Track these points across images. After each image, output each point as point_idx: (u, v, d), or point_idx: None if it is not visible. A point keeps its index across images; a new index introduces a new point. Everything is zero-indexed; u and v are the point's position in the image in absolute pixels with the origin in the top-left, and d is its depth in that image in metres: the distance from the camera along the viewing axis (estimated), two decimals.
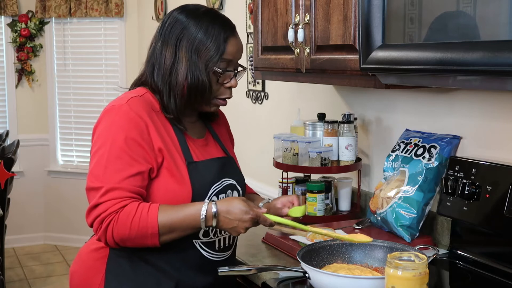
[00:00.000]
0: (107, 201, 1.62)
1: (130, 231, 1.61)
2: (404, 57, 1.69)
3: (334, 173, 2.47)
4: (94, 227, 1.64)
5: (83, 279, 1.81)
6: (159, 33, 1.77)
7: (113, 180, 1.63)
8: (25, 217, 5.63)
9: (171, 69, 1.72)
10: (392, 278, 1.44)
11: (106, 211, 1.61)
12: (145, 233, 1.62)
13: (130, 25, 5.46)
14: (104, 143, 1.66)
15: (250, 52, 3.42)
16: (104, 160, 1.64)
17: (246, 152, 3.54)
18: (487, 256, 1.90)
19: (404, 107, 2.34)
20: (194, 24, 1.73)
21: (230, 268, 1.76)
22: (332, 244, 1.83)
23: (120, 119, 1.67)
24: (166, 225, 1.62)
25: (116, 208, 1.61)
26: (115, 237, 1.62)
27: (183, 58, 1.71)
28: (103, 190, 1.62)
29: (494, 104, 1.96)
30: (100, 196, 1.62)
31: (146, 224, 1.61)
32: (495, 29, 1.46)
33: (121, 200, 1.62)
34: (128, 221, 1.61)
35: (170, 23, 1.75)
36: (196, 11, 1.77)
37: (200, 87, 1.73)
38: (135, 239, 1.63)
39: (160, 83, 1.74)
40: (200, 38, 1.71)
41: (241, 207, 1.66)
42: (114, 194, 1.62)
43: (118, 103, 1.71)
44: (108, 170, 1.64)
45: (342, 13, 2.02)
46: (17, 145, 4.35)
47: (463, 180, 1.93)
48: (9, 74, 5.55)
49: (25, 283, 4.82)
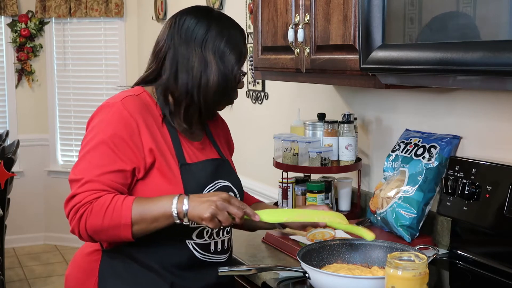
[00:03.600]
0: (83, 192, 1.62)
1: (103, 221, 1.59)
2: (404, 57, 1.69)
3: (334, 173, 2.47)
4: (69, 217, 1.65)
5: (77, 282, 1.81)
6: (178, 35, 1.74)
7: (93, 173, 1.64)
8: (25, 217, 5.63)
9: (201, 73, 1.71)
10: (392, 278, 1.44)
11: (80, 202, 1.62)
12: (117, 223, 1.60)
13: (130, 25, 5.46)
14: (92, 139, 1.68)
15: (250, 52, 3.42)
16: (89, 155, 1.66)
17: (246, 152, 3.54)
18: (487, 256, 1.90)
19: (404, 107, 2.34)
20: (216, 28, 1.73)
21: (230, 268, 1.76)
22: (332, 244, 1.83)
23: (112, 116, 1.68)
24: (138, 212, 1.60)
25: (90, 198, 1.61)
26: (88, 228, 1.62)
27: (212, 63, 1.72)
28: (82, 181, 1.63)
29: (494, 104, 1.96)
30: (78, 187, 1.63)
31: (120, 214, 1.59)
32: (495, 29, 1.46)
33: (96, 191, 1.62)
34: (102, 212, 1.59)
35: (190, 26, 1.74)
36: (211, 13, 1.78)
37: (228, 91, 1.76)
38: (108, 230, 1.61)
39: (190, 86, 1.71)
40: (222, 48, 1.73)
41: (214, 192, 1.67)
42: (91, 186, 1.63)
43: (113, 100, 1.72)
44: (90, 164, 1.65)
45: (342, 13, 2.02)
46: (17, 145, 4.35)
47: (463, 180, 1.93)
48: (9, 74, 5.55)
49: (25, 283, 4.82)
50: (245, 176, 3.47)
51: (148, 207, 1.61)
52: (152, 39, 1.86)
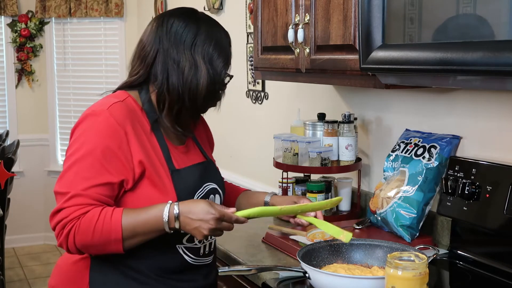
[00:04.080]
0: (70, 206, 1.58)
1: (93, 237, 1.57)
2: (404, 57, 1.69)
3: (334, 173, 2.47)
4: (56, 232, 1.60)
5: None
6: (167, 38, 1.71)
7: (80, 186, 1.59)
8: (25, 217, 5.63)
9: (191, 76, 1.69)
10: (392, 278, 1.44)
11: (67, 217, 1.57)
12: (108, 239, 1.58)
13: (130, 25, 5.46)
14: (79, 149, 1.63)
15: (250, 52, 3.42)
16: (75, 166, 1.61)
17: (246, 152, 3.54)
18: (487, 256, 1.90)
19: (404, 107, 2.34)
20: (204, 32, 1.72)
21: (230, 268, 1.76)
22: (332, 244, 1.83)
23: (99, 125, 1.63)
24: (129, 228, 1.58)
25: (77, 214, 1.57)
26: (77, 243, 1.59)
27: (202, 67, 1.70)
28: (69, 195, 1.59)
29: (494, 104, 1.96)
30: (64, 201, 1.59)
31: (109, 229, 1.57)
32: (495, 29, 1.46)
33: (83, 206, 1.58)
34: (91, 227, 1.57)
35: (178, 28, 1.71)
36: (196, 14, 1.76)
37: (216, 93, 1.75)
38: (98, 246, 1.59)
39: (181, 90, 1.69)
40: (211, 52, 1.71)
41: (203, 206, 1.60)
42: (78, 200, 1.58)
43: (99, 108, 1.66)
44: (77, 177, 1.60)
45: (342, 13, 2.02)
46: (17, 145, 4.35)
47: (463, 180, 1.93)
48: (9, 74, 5.55)
49: (25, 283, 4.82)
50: (245, 176, 3.48)
51: (139, 221, 1.59)
52: None
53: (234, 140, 3.68)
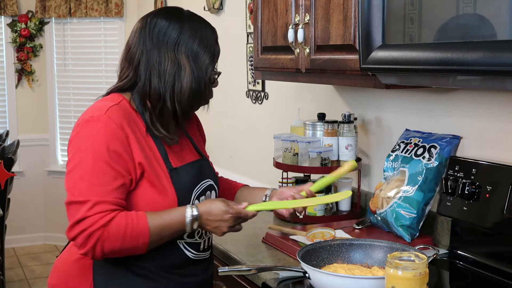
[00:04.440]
0: (94, 215, 1.58)
1: (122, 243, 1.61)
2: (404, 57, 1.69)
3: None
4: (79, 241, 1.60)
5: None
6: (150, 39, 1.71)
7: (99, 193, 1.60)
8: (25, 217, 5.63)
9: (174, 76, 1.69)
10: (392, 278, 1.44)
11: (93, 225, 1.58)
12: (136, 244, 1.62)
13: (130, 25, 5.45)
14: (86, 156, 1.62)
15: (250, 52, 3.42)
16: (87, 174, 1.61)
17: (246, 152, 3.54)
18: (487, 256, 1.90)
19: (404, 107, 2.34)
20: (188, 30, 1.72)
21: (230, 268, 1.76)
22: (332, 244, 1.83)
23: (100, 130, 1.63)
24: (156, 232, 1.63)
25: (103, 221, 1.58)
26: (106, 250, 1.60)
27: (186, 65, 1.70)
28: (90, 204, 1.58)
29: (494, 104, 1.96)
30: (86, 210, 1.58)
31: (138, 235, 1.61)
32: (495, 29, 1.46)
33: (108, 213, 1.59)
34: (120, 234, 1.60)
35: (161, 29, 1.71)
36: (181, 14, 1.76)
37: (203, 92, 1.74)
38: (125, 250, 1.63)
39: (162, 89, 1.69)
40: (197, 45, 1.71)
41: (221, 207, 1.68)
42: (100, 207, 1.59)
43: (97, 113, 1.66)
44: (92, 184, 1.60)
45: (342, 13, 2.02)
46: (17, 145, 4.35)
47: (463, 180, 1.93)
48: (9, 74, 5.55)
49: (25, 283, 4.82)
50: (245, 176, 3.48)
51: (164, 225, 1.65)
52: None
53: (234, 140, 3.68)
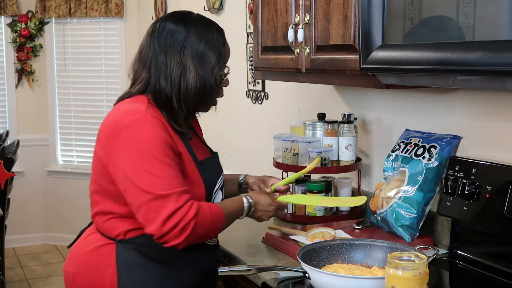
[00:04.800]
0: (182, 205, 1.68)
1: (208, 229, 1.75)
2: (404, 57, 1.69)
3: (334, 173, 2.47)
4: (173, 233, 1.67)
5: (91, 277, 1.83)
6: (158, 43, 1.81)
7: (176, 185, 1.70)
8: (25, 217, 5.62)
9: (180, 78, 1.78)
10: (392, 278, 1.44)
11: (186, 216, 1.68)
12: (216, 228, 1.79)
13: (130, 25, 5.46)
14: (145, 154, 1.69)
15: (250, 52, 3.42)
16: (156, 170, 1.68)
17: (246, 152, 3.54)
18: (487, 256, 1.90)
19: (404, 107, 2.34)
20: (194, 33, 1.81)
21: (230, 268, 1.76)
22: (332, 244, 1.83)
23: (149, 127, 1.71)
24: (227, 218, 1.82)
25: (194, 211, 1.69)
26: (195, 237, 1.71)
27: (191, 67, 1.79)
28: (174, 196, 1.68)
29: (494, 104, 1.96)
30: (174, 203, 1.67)
31: (217, 219, 1.78)
32: (495, 29, 1.46)
33: (191, 202, 1.70)
34: (207, 221, 1.73)
35: (168, 33, 1.81)
36: (189, 18, 1.85)
37: (209, 92, 1.83)
38: (206, 236, 1.78)
39: (169, 90, 1.78)
40: (203, 47, 1.81)
41: (268, 199, 1.96)
42: (184, 197, 1.69)
43: (138, 114, 1.73)
44: (165, 178, 1.69)
45: (342, 13, 2.02)
46: (17, 145, 4.35)
47: (463, 180, 1.93)
48: (9, 74, 5.55)
49: (25, 283, 4.82)
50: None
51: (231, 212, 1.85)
52: None
53: (234, 140, 3.68)
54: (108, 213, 1.82)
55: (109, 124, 1.77)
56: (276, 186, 2.08)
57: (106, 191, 1.81)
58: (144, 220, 1.69)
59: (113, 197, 1.79)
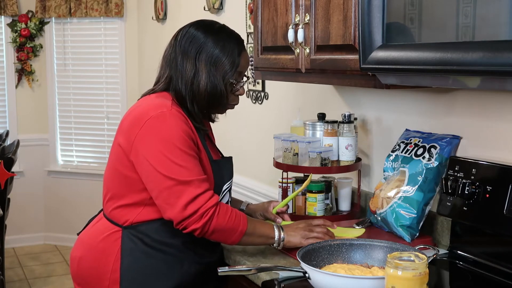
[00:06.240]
0: (204, 192, 1.78)
1: (227, 223, 1.81)
2: (404, 57, 1.69)
3: (334, 173, 2.47)
4: (194, 218, 1.77)
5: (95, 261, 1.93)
6: (179, 46, 1.94)
7: (197, 173, 1.80)
8: (25, 217, 5.63)
9: (192, 79, 1.90)
10: (392, 278, 1.44)
11: (207, 203, 1.78)
12: (236, 227, 1.84)
13: (130, 25, 5.46)
14: (167, 144, 1.79)
15: (250, 52, 3.42)
16: (178, 159, 1.78)
17: (246, 152, 3.54)
18: (487, 256, 1.90)
19: (404, 107, 2.34)
20: (212, 40, 1.92)
21: (230, 268, 1.76)
22: (332, 244, 1.84)
23: (173, 120, 1.82)
24: (252, 226, 1.88)
25: (214, 200, 1.80)
26: (213, 225, 1.79)
27: (203, 71, 1.90)
28: (196, 183, 1.78)
29: (494, 104, 1.96)
30: (195, 189, 1.77)
31: (239, 220, 1.85)
32: (495, 29, 1.46)
33: (212, 192, 1.82)
34: (227, 214, 1.82)
35: (188, 38, 1.93)
36: (212, 27, 1.96)
37: (218, 96, 1.93)
38: (224, 231, 1.83)
39: (184, 91, 1.91)
40: (217, 53, 1.91)
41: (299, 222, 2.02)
42: (205, 185, 1.80)
43: (164, 108, 1.84)
44: (186, 167, 1.78)
45: (342, 13, 2.02)
46: (17, 145, 4.35)
47: (463, 180, 1.93)
48: (9, 74, 5.55)
49: (25, 283, 4.82)
50: (245, 176, 3.48)
51: (257, 225, 1.91)
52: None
53: (234, 140, 3.68)
54: (120, 199, 1.91)
55: (134, 115, 1.88)
56: (277, 209, 2.18)
57: (122, 177, 1.90)
58: (166, 204, 1.78)
59: (128, 184, 1.89)
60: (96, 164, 5.58)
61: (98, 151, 5.57)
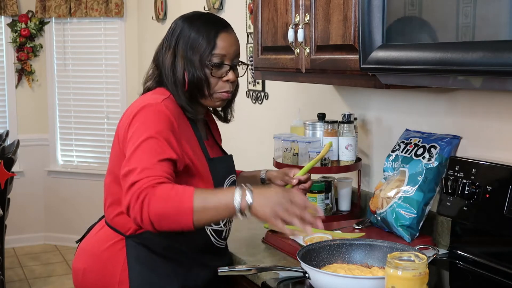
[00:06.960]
0: (143, 178, 1.64)
1: (166, 204, 1.60)
2: (404, 57, 1.69)
3: (334, 173, 2.47)
4: (130, 205, 1.63)
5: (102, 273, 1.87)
6: (164, 40, 1.92)
7: (148, 162, 1.68)
8: (25, 217, 5.62)
9: (172, 68, 1.86)
10: (392, 278, 1.44)
11: (141, 187, 1.63)
12: (180, 208, 1.60)
13: (130, 25, 5.46)
14: (141, 134, 1.73)
15: (250, 52, 3.42)
16: (140, 148, 1.71)
17: (246, 152, 3.54)
18: (487, 256, 1.90)
19: (404, 107, 2.34)
20: (188, 26, 1.88)
21: (230, 268, 1.76)
22: (332, 244, 1.83)
23: (156, 115, 1.76)
24: (201, 197, 1.61)
25: (152, 183, 1.63)
26: (151, 211, 1.60)
27: (180, 57, 1.85)
28: (139, 169, 1.66)
29: (494, 104, 1.96)
30: (136, 175, 1.65)
31: (182, 198, 1.61)
32: (495, 29, 1.46)
33: (155, 177, 1.65)
34: (165, 195, 1.61)
35: (170, 30, 1.91)
36: (193, 15, 1.93)
37: (197, 82, 1.85)
38: (170, 216, 1.61)
39: (169, 83, 1.87)
40: (193, 36, 1.85)
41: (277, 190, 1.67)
42: (149, 172, 1.65)
43: (154, 101, 1.80)
44: (143, 155, 1.69)
45: (342, 13, 2.02)
46: (17, 145, 4.35)
47: (463, 180, 1.93)
48: (9, 74, 5.55)
49: (25, 283, 4.82)
50: None
51: (209, 196, 1.64)
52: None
53: (234, 140, 3.68)
54: (121, 205, 1.80)
55: (126, 114, 1.85)
56: (297, 177, 2.04)
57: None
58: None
59: None
60: (96, 164, 5.58)
61: (98, 151, 5.58)
